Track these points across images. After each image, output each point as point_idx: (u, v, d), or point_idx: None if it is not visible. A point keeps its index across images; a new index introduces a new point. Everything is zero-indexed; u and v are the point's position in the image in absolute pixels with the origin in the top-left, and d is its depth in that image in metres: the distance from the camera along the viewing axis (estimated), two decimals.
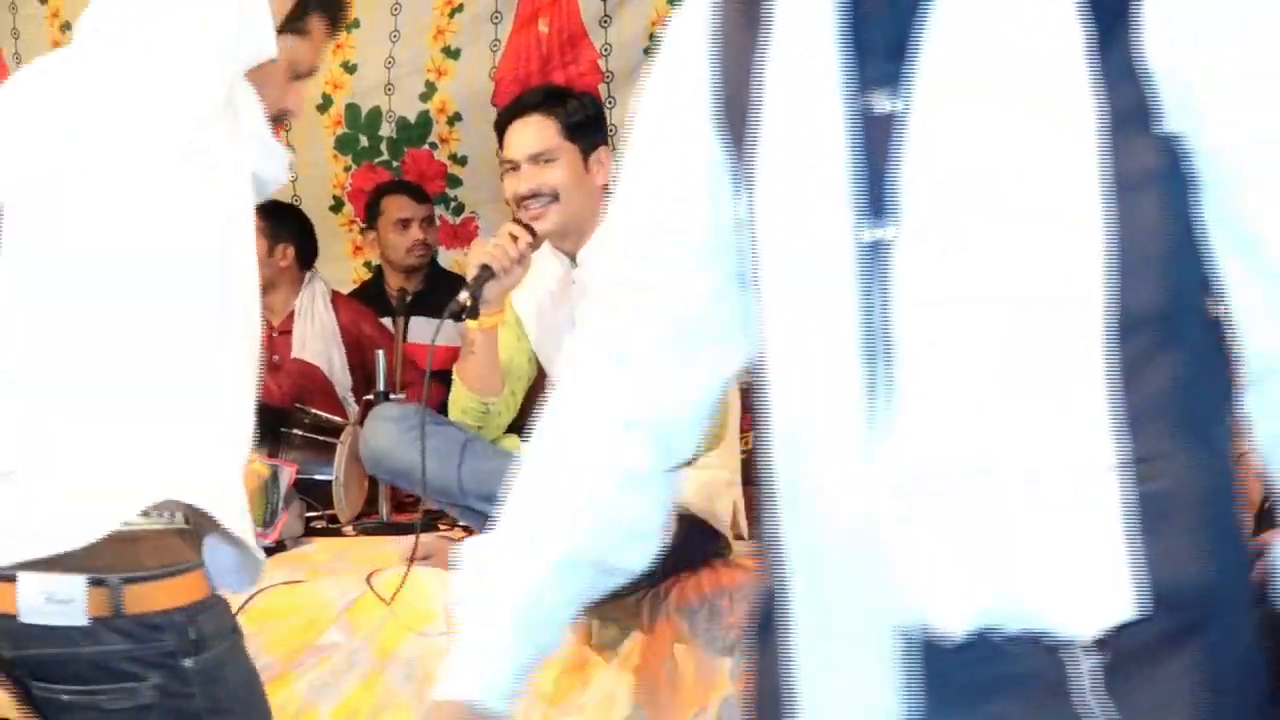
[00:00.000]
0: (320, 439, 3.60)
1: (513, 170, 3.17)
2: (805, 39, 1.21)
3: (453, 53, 5.07)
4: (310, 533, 3.53)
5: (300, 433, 3.62)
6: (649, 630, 3.00)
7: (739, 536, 3.19)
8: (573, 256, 3.19)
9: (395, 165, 5.21)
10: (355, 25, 4.93)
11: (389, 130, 5.20)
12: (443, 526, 3.43)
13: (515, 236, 3.04)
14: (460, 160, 5.15)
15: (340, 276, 5.00)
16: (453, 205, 5.22)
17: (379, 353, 3.79)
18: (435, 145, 5.17)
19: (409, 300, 4.25)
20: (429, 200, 4.85)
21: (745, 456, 3.22)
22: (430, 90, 5.12)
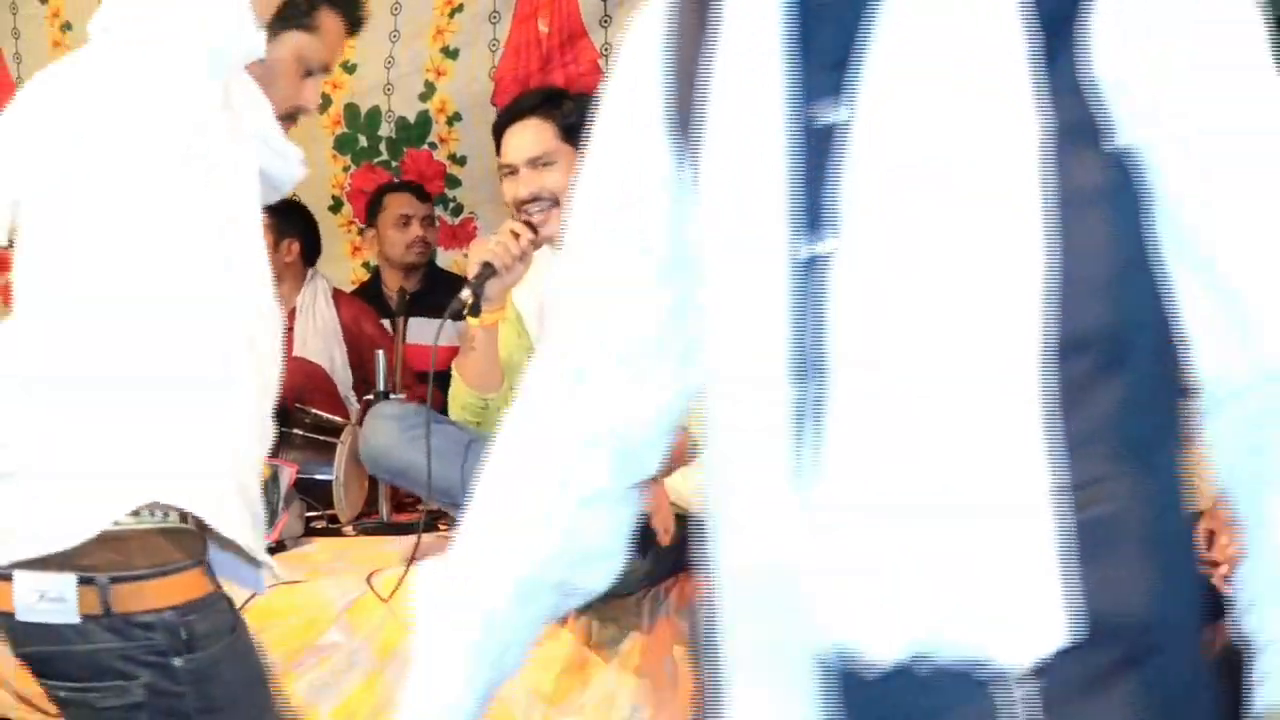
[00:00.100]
0: (320, 439, 3.60)
1: (511, 174, 3.17)
2: (751, 47, 1.18)
3: (452, 53, 5.07)
4: (310, 533, 3.53)
5: (300, 432, 3.61)
6: (649, 630, 3.00)
7: None
8: None
9: (394, 165, 5.20)
10: None
11: (388, 130, 5.20)
12: (443, 526, 3.43)
13: (517, 234, 3.04)
14: (459, 160, 5.15)
15: (339, 277, 5.00)
16: (451, 206, 5.21)
17: (379, 353, 3.79)
18: (434, 145, 5.17)
19: (408, 300, 4.25)
20: (430, 200, 4.85)
21: None
22: (429, 90, 5.12)
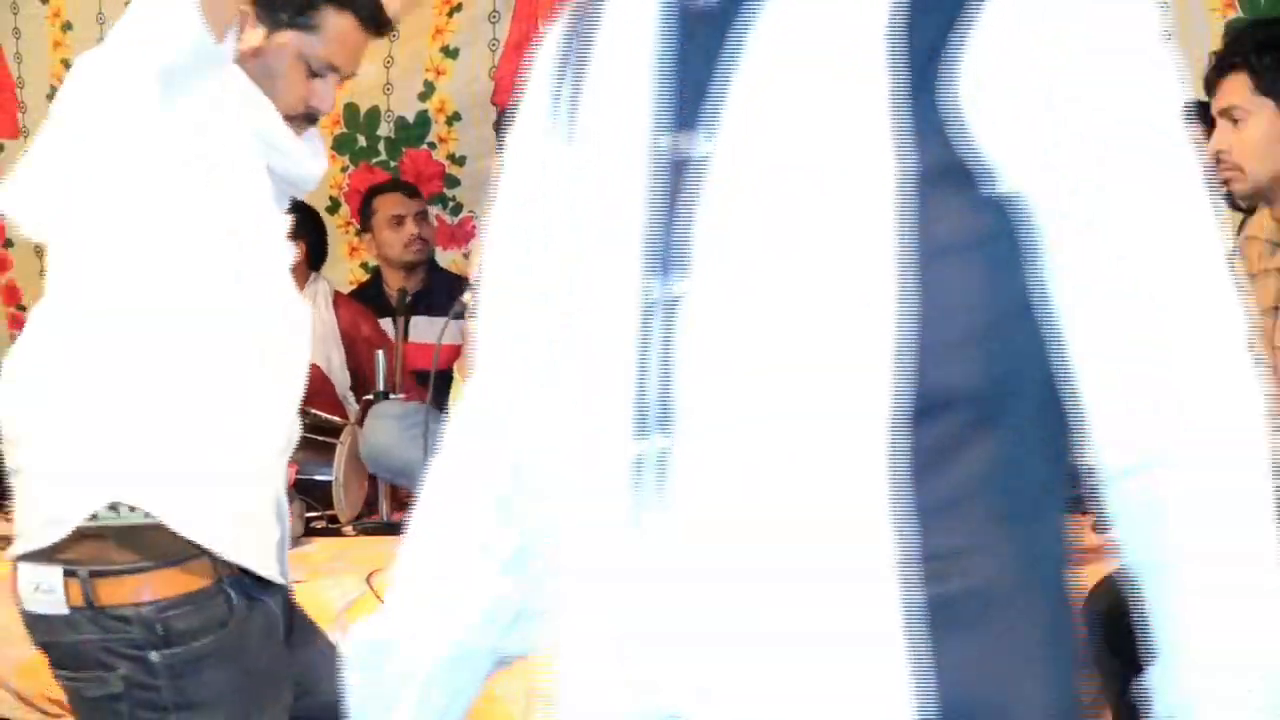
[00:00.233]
0: (320, 439, 3.59)
1: None
2: (623, 75, 1.12)
3: (451, 52, 5.07)
4: (310, 533, 3.52)
5: (300, 433, 3.61)
6: None
7: None
8: None
9: (393, 165, 5.20)
10: None
11: (387, 130, 5.20)
12: None
13: None
14: (459, 160, 5.14)
15: (337, 278, 4.99)
16: (451, 205, 5.21)
17: (379, 353, 3.79)
18: (434, 145, 5.16)
19: (409, 300, 4.24)
20: (421, 195, 4.82)
21: None
22: (429, 90, 5.11)
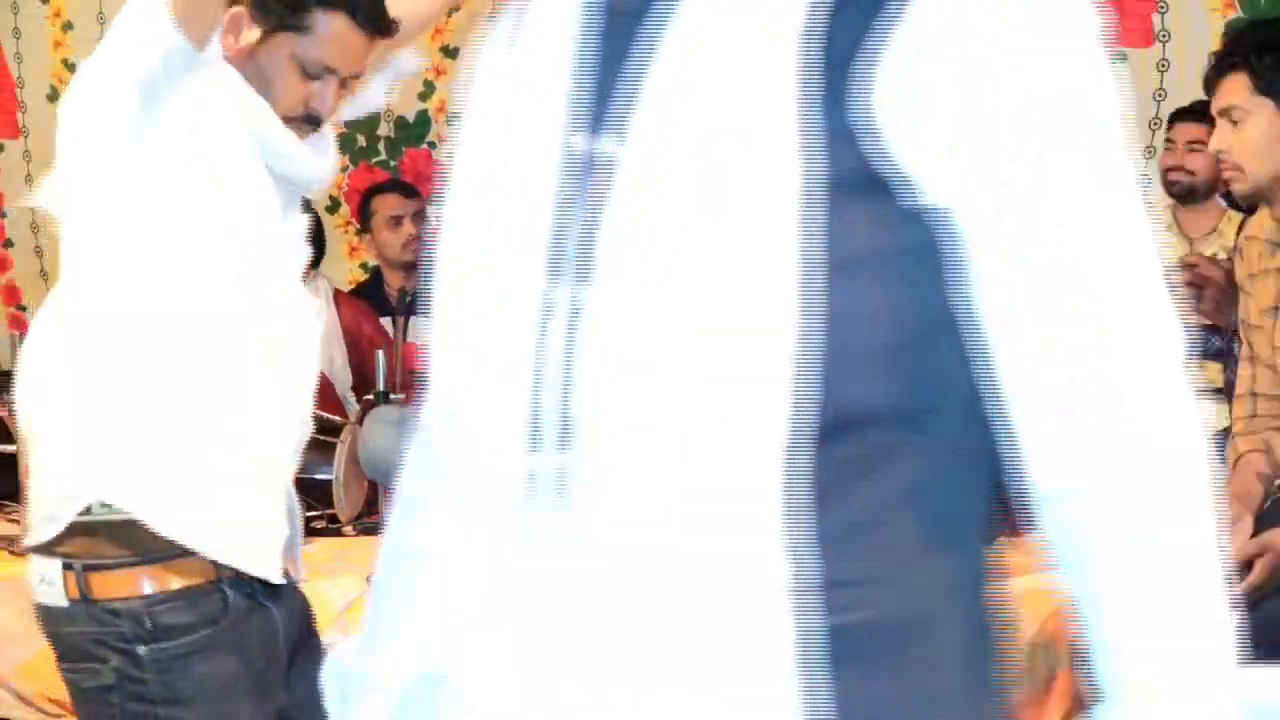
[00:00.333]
0: (320, 438, 3.58)
1: None
2: (544, 72, 1.09)
3: (452, 52, 5.07)
4: (310, 533, 3.50)
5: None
6: None
7: None
8: None
9: (393, 165, 5.20)
10: None
11: (387, 130, 5.20)
12: None
13: None
14: None
15: (337, 277, 4.99)
16: None
17: (379, 353, 3.80)
18: (434, 144, 5.17)
19: (409, 300, 4.25)
20: (420, 195, 4.83)
21: None
22: (429, 89, 5.12)
